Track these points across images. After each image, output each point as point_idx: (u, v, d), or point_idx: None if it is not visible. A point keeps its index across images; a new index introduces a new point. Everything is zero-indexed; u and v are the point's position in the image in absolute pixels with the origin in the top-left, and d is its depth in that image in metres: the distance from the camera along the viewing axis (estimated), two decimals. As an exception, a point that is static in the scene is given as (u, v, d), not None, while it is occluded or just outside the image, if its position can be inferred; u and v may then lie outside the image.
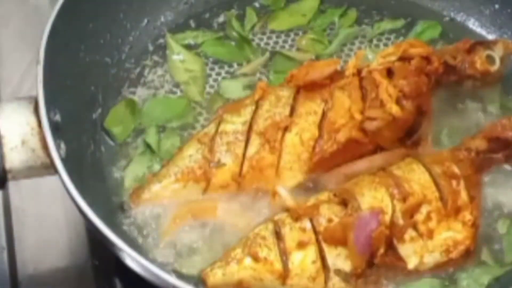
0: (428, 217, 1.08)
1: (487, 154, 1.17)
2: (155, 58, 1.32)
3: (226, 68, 1.31)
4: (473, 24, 1.39)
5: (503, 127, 1.18)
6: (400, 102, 1.15)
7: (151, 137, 1.22)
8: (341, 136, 1.14)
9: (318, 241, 1.07)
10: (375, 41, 1.36)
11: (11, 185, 1.16)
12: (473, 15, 1.39)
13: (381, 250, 1.06)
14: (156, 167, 1.19)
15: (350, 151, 1.15)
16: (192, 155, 1.16)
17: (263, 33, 1.36)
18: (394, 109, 1.14)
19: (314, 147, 1.14)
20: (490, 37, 1.37)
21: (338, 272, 1.06)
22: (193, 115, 1.25)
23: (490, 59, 1.24)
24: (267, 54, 1.33)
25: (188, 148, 1.17)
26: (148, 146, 1.21)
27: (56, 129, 1.07)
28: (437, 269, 1.09)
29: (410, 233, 1.08)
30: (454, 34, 1.36)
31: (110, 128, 1.22)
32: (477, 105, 1.27)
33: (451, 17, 1.40)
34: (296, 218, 1.08)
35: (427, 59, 1.18)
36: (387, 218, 1.06)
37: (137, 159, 1.20)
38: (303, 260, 1.06)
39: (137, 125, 1.24)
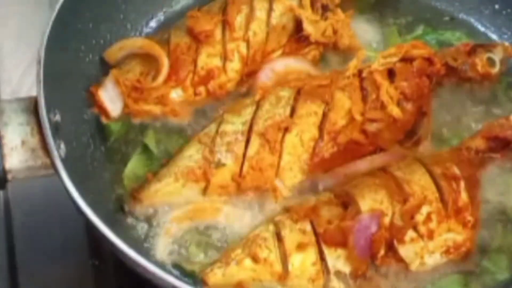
0: (428, 218, 1.08)
1: (486, 153, 1.17)
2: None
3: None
4: (473, 24, 1.39)
5: (501, 127, 1.18)
6: (401, 104, 1.15)
7: (150, 137, 1.22)
8: (342, 138, 1.13)
9: (318, 243, 1.07)
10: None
11: (11, 185, 1.16)
12: (473, 15, 1.39)
13: (382, 252, 1.06)
14: (155, 167, 1.19)
15: (350, 152, 1.15)
16: (192, 155, 1.15)
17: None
18: (395, 111, 1.14)
19: (314, 148, 1.14)
20: (490, 36, 1.37)
21: (338, 273, 1.06)
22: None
23: (490, 62, 1.24)
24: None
25: (188, 148, 1.17)
26: (146, 146, 1.21)
27: (56, 129, 1.06)
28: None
29: (410, 234, 1.07)
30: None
31: (108, 124, 1.22)
32: (476, 105, 1.26)
33: (451, 17, 1.40)
34: (296, 219, 1.08)
35: (429, 60, 1.18)
36: (387, 220, 1.06)
37: (136, 159, 1.20)
38: (303, 262, 1.06)
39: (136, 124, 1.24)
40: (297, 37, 1.30)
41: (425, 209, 1.08)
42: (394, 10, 1.39)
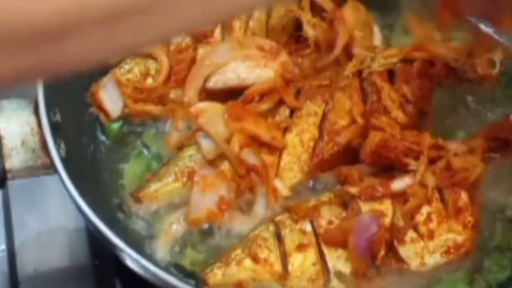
0: (428, 218, 1.08)
1: (486, 153, 1.17)
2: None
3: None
4: (473, 24, 1.39)
5: (501, 127, 1.18)
6: (403, 107, 1.15)
7: (149, 137, 1.22)
8: (342, 139, 1.13)
9: (318, 243, 1.07)
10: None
11: (11, 185, 1.16)
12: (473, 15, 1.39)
13: (382, 252, 1.06)
14: (155, 167, 1.19)
15: (351, 153, 1.15)
16: (192, 155, 1.15)
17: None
18: (400, 116, 1.13)
19: (314, 148, 1.14)
20: (490, 36, 1.37)
21: (338, 274, 1.06)
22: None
23: (490, 63, 1.24)
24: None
25: (188, 148, 1.17)
26: (146, 146, 1.21)
27: (56, 129, 1.07)
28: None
29: (410, 234, 1.08)
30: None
31: (108, 124, 1.22)
32: (476, 105, 1.26)
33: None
34: (296, 219, 1.08)
35: (429, 61, 1.18)
36: (387, 220, 1.07)
37: (136, 159, 1.20)
38: (303, 262, 1.06)
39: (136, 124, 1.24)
40: (296, 38, 1.30)
41: (425, 209, 1.09)
42: (394, 11, 1.38)
